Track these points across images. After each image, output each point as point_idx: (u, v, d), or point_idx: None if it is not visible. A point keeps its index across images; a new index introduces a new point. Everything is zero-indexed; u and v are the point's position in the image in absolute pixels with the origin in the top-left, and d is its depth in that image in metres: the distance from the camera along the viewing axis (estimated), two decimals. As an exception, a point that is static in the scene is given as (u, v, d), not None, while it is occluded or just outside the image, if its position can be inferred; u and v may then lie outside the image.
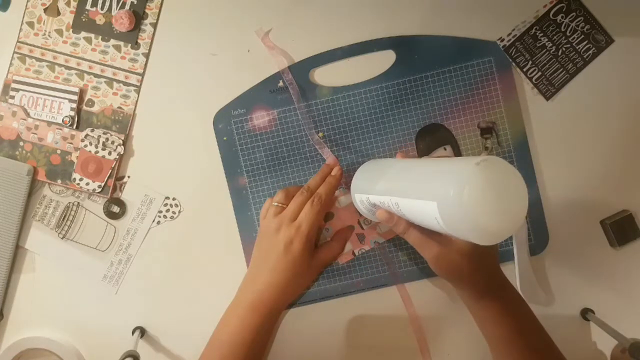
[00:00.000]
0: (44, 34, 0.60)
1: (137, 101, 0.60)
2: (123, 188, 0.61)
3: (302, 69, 0.59)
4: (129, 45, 0.60)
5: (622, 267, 0.61)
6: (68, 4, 0.59)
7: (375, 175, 0.50)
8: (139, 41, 0.60)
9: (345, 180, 0.60)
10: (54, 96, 0.59)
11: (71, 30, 0.60)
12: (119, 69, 0.60)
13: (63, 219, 0.61)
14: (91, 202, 0.61)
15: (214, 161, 0.60)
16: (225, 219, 0.61)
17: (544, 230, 0.60)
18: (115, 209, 0.61)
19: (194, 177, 0.61)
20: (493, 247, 0.51)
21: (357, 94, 0.60)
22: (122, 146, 0.60)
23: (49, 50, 0.60)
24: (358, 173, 0.55)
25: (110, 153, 0.60)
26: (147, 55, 0.60)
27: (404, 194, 0.43)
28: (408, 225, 0.49)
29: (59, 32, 0.60)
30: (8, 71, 0.60)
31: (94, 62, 0.60)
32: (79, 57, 0.60)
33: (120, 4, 0.59)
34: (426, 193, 0.39)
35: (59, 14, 0.59)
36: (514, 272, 0.59)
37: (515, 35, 0.59)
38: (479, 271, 0.49)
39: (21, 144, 0.60)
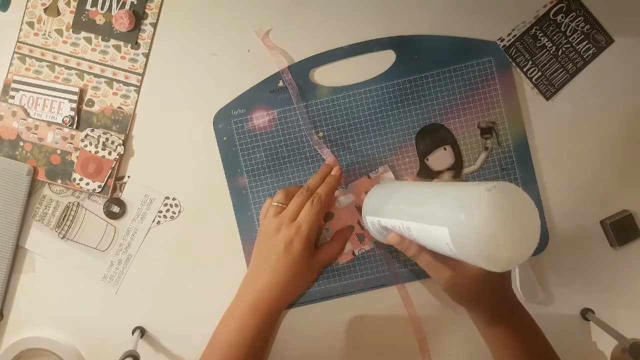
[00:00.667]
0: (44, 34, 0.60)
1: (137, 101, 0.60)
2: (123, 188, 0.61)
3: (302, 69, 0.59)
4: (129, 45, 0.60)
5: (622, 267, 0.61)
6: (68, 4, 0.59)
7: (386, 198, 0.50)
8: (139, 41, 0.60)
9: (345, 180, 0.60)
10: (54, 96, 0.59)
11: (71, 30, 0.60)
12: (119, 69, 0.60)
13: (63, 219, 0.61)
14: (91, 202, 0.61)
15: (214, 161, 0.60)
16: (225, 219, 0.61)
17: (544, 230, 0.60)
18: (115, 209, 0.61)
19: (194, 177, 0.61)
20: (505, 271, 0.51)
21: (357, 94, 0.60)
22: (122, 146, 0.60)
23: (49, 50, 0.60)
24: (369, 195, 0.55)
25: (110, 153, 0.60)
26: (147, 55, 0.60)
27: (415, 218, 0.43)
28: (419, 249, 0.48)
29: (59, 32, 0.60)
30: (8, 71, 0.60)
31: (94, 62, 0.60)
32: (79, 57, 0.60)
33: (120, 4, 0.59)
34: (438, 218, 0.39)
35: (59, 14, 0.59)
36: (514, 272, 0.59)
37: (515, 35, 0.59)
38: (490, 296, 0.49)
39: (21, 144, 0.60)
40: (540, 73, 0.60)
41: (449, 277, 0.48)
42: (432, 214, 0.40)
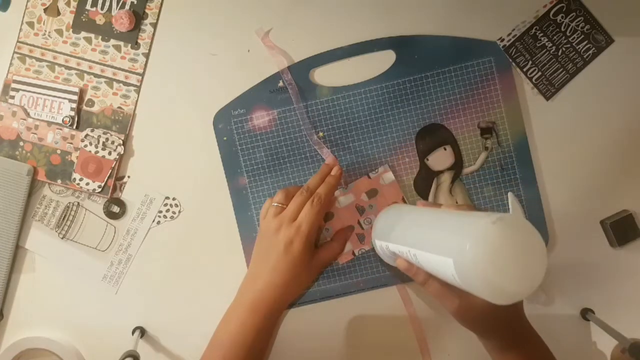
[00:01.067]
0: (44, 34, 0.60)
1: (137, 101, 0.60)
2: (123, 188, 0.61)
3: (302, 69, 0.59)
4: (129, 45, 0.60)
5: (622, 267, 0.61)
6: (68, 4, 0.59)
7: (395, 224, 0.50)
8: (139, 41, 0.60)
9: (345, 180, 0.60)
10: (54, 96, 0.59)
11: (71, 30, 0.60)
12: (119, 69, 0.60)
13: (63, 219, 0.61)
14: (91, 202, 0.61)
15: (214, 161, 0.60)
16: (225, 219, 0.61)
17: (543, 231, 0.60)
18: (115, 209, 0.61)
19: (194, 177, 0.61)
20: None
21: (357, 94, 0.60)
22: (122, 146, 0.60)
23: (49, 50, 0.60)
24: (379, 219, 0.55)
25: (110, 153, 0.60)
26: (147, 55, 0.60)
27: (422, 246, 0.43)
28: (428, 276, 0.48)
29: (59, 32, 0.60)
30: (8, 71, 0.60)
31: (94, 62, 0.60)
32: (79, 57, 0.60)
33: (120, 4, 0.59)
34: (443, 248, 0.39)
35: (59, 14, 0.59)
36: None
37: (515, 35, 0.59)
38: (502, 324, 0.48)
39: (21, 144, 0.60)
40: (540, 73, 0.60)
41: (459, 306, 0.47)
42: (438, 244, 0.40)
